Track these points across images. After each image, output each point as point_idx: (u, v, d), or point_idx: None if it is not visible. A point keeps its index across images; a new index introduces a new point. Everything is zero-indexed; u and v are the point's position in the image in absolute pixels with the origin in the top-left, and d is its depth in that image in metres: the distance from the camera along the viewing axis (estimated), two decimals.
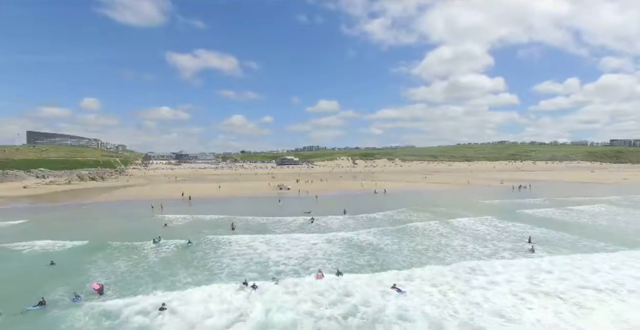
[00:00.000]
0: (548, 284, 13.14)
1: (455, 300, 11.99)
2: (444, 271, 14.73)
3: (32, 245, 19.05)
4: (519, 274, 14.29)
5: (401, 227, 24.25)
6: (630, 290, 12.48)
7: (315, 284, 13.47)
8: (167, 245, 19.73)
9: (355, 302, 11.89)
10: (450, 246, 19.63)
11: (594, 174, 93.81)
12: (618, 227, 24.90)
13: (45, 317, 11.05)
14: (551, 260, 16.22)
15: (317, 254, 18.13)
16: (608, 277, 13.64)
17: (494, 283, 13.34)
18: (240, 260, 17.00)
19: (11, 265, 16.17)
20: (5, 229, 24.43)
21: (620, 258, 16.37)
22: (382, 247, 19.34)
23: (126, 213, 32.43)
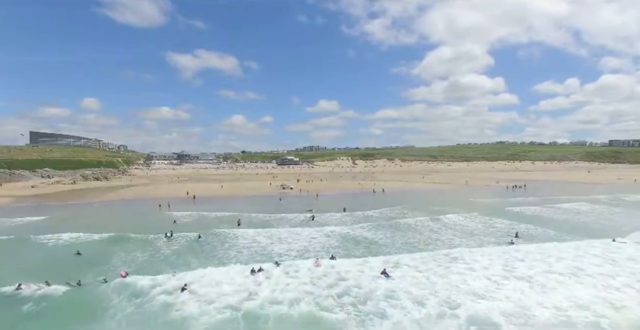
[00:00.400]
0: (519, 270, 14.99)
1: (436, 283, 13.80)
2: (429, 260, 16.58)
3: (57, 238, 20.95)
4: (496, 262, 16.14)
5: (395, 223, 26.13)
6: (587, 274, 14.32)
7: (314, 270, 15.31)
8: (178, 239, 21.59)
9: (349, 285, 13.72)
10: (439, 240, 21.47)
11: (590, 174, 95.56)
12: (590, 222, 27.22)
13: (83, 294, 12.93)
14: (527, 250, 18.06)
15: (315, 246, 19.97)
16: (571, 264, 15.48)
17: (472, 269, 15.18)
18: (246, 252, 18.85)
19: (42, 255, 18.06)
20: (30, 224, 26.38)
21: (584, 247, 18.37)
22: (376, 241, 21.20)
23: (136, 211, 34.31)
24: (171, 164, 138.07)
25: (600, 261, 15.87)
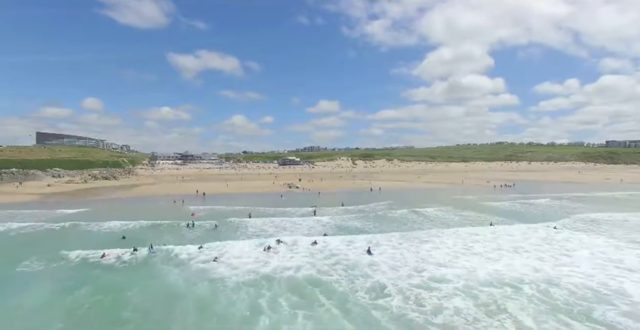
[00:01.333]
0: (475, 248, 19.12)
1: (408, 257, 17.90)
2: (404, 241, 20.75)
3: (100, 226, 25.21)
4: (458, 243, 20.28)
5: (382, 214, 30.49)
6: (526, 250, 18.49)
7: (311, 247, 19.45)
8: (199, 227, 25.74)
9: (340, 258, 17.81)
10: (415, 227, 25.56)
11: (580, 175, 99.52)
12: (545, 213, 31.96)
13: (144, 261, 17.19)
14: (485, 234, 22.28)
15: (314, 233, 24.05)
16: (516, 244, 19.71)
17: (438, 248, 19.31)
18: (257, 236, 22.96)
19: (94, 238, 22.25)
20: (71, 215, 30.66)
21: (530, 232, 22.83)
22: (363, 227, 25.34)
23: (154, 206, 38.46)
24: (175, 164, 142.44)
25: (539, 241, 20.10)
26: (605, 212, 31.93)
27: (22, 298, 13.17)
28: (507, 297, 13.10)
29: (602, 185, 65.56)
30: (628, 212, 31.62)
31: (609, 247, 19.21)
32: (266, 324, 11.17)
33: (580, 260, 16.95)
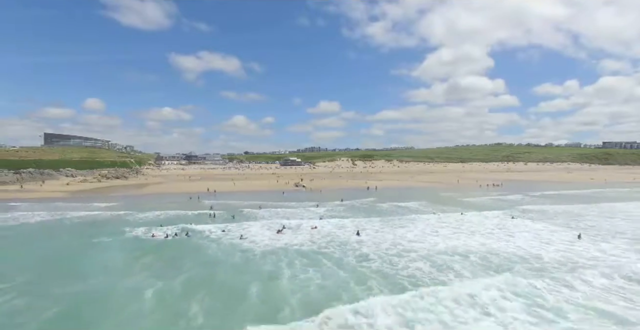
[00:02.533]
0: (441, 231, 24.54)
1: (387, 237, 23.20)
2: (385, 226, 26.17)
3: (136, 215, 30.72)
4: (428, 227, 25.71)
5: (372, 207, 36.11)
6: (481, 233, 23.89)
7: (311, 231, 24.80)
8: (219, 216, 31.08)
9: (333, 238, 23.10)
10: (400, 218, 30.83)
11: (569, 175, 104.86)
12: (512, 205, 37.23)
13: (183, 240, 22.58)
14: (449, 221, 27.73)
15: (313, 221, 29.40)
16: (474, 228, 25.18)
17: (412, 231, 24.68)
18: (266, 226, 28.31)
19: (136, 224, 27.59)
20: (107, 208, 36.08)
21: (488, 220, 28.45)
22: (355, 217, 30.68)
23: (174, 201, 43.74)
24: (180, 164, 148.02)
25: (493, 226, 25.55)
26: (561, 204, 37.78)
27: (104, 258, 18.55)
28: (456, 261, 18.39)
29: (582, 184, 70.88)
30: (579, 204, 37.51)
31: (544, 230, 24.62)
32: (288, 275, 16.40)
33: (518, 239, 22.31)
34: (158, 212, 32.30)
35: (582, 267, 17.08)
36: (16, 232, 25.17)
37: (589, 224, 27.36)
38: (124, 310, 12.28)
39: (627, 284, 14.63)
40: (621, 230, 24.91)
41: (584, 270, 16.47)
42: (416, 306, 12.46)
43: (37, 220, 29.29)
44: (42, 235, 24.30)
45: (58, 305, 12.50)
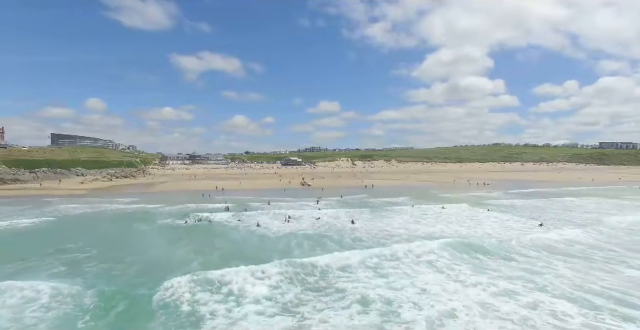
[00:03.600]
0: (422, 221, 29.55)
1: (377, 225, 28.15)
2: (375, 217, 31.22)
3: (159, 209, 35.71)
4: (411, 218, 30.74)
5: (365, 202, 41.13)
6: (456, 222, 28.91)
7: (315, 221, 29.79)
8: (233, 209, 36.04)
9: (332, 226, 28.02)
10: (388, 210, 35.82)
11: (559, 175, 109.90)
12: (490, 201, 41.69)
13: (208, 227, 27.62)
14: (430, 213, 32.77)
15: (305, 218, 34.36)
16: (450, 218, 30.19)
17: (398, 221, 29.70)
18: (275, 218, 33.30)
19: (164, 215, 32.61)
20: (131, 203, 41.07)
21: (463, 211, 33.56)
22: (351, 209, 35.68)
23: (188, 197, 48.59)
24: (184, 164, 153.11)
25: (467, 218, 30.53)
26: (534, 199, 43.29)
27: (149, 239, 23.54)
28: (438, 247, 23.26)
29: (566, 183, 75.85)
30: (548, 199, 42.71)
31: (510, 220, 29.65)
32: (298, 252, 21.26)
33: (487, 227, 27.30)
34: (179, 206, 37.34)
35: (524, 245, 22.06)
36: (69, 221, 30.24)
37: (551, 215, 32.40)
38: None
39: (545, 255, 19.57)
40: (573, 220, 30.03)
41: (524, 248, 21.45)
42: (388, 266, 17.49)
43: (79, 212, 34.33)
44: (91, 223, 29.37)
45: (133, 268, 17.44)
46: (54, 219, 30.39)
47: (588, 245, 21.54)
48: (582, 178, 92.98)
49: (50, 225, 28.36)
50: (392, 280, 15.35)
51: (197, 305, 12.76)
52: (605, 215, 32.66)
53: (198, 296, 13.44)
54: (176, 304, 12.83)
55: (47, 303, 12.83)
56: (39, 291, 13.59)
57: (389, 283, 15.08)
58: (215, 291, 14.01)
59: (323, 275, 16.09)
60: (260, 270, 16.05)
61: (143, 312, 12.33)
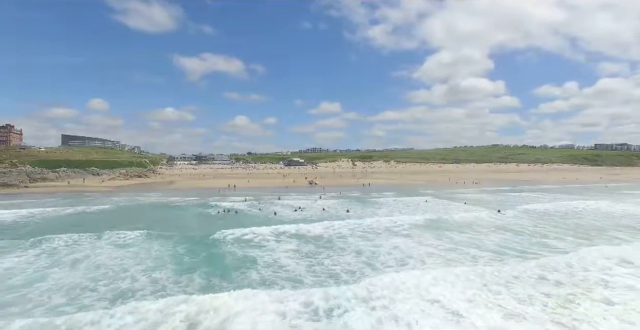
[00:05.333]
0: (403, 210, 37.02)
1: (367, 213, 35.62)
2: (366, 208, 38.74)
3: (187, 201, 43.20)
4: (396, 208, 38.22)
5: (359, 197, 48.52)
6: (430, 211, 36.41)
7: (318, 210, 37.29)
8: (250, 201, 43.54)
9: (332, 213, 35.53)
10: (376, 203, 43.25)
11: (544, 174, 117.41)
12: (465, 197, 48.97)
13: (236, 213, 35.19)
14: (411, 204, 40.29)
15: (314, 208, 41.84)
16: (427, 208, 37.67)
17: (384, 210, 37.20)
18: (287, 207, 40.78)
19: (195, 206, 40.13)
20: (161, 196, 48.59)
21: (440, 205, 40.90)
22: (347, 201, 43.19)
23: (206, 192, 56.07)
24: (191, 164, 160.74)
25: (442, 208, 38.06)
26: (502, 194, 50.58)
27: (191, 221, 30.97)
28: (409, 225, 30.76)
29: (545, 182, 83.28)
30: (515, 193, 50.20)
31: (474, 209, 37.09)
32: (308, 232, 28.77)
33: (456, 215, 34.70)
34: (202, 200, 44.77)
35: (479, 224, 29.48)
36: (124, 207, 37.87)
37: (509, 205, 39.91)
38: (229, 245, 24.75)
39: (487, 229, 26.99)
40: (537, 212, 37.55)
41: (478, 226, 28.89)
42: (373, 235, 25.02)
43: (123, 204, 41.82)
44: (140, 210, 36.89)
45: (192, 233, 24.93)
46: (114, 206, 38.11)
47: (506, 223, 29.05)
48: (566, 178, 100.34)
49: (115, 210, 36.23)
50: (375, 243, 22.85)
51: (245, 250, 20.29)
52: (531, 203, 41.31)
53: (245, 249, 20.96)
54: (230, 248, 20.41)
55: (144, 239, 20.67)
56: (135, 234, 21.71)
57: (373, 244, 22.56)
58: (255, 245, 21.68)
59: (327, 240, 23.59)
60: (282, 231, 23.91)
61: (212, 254, 19.83)
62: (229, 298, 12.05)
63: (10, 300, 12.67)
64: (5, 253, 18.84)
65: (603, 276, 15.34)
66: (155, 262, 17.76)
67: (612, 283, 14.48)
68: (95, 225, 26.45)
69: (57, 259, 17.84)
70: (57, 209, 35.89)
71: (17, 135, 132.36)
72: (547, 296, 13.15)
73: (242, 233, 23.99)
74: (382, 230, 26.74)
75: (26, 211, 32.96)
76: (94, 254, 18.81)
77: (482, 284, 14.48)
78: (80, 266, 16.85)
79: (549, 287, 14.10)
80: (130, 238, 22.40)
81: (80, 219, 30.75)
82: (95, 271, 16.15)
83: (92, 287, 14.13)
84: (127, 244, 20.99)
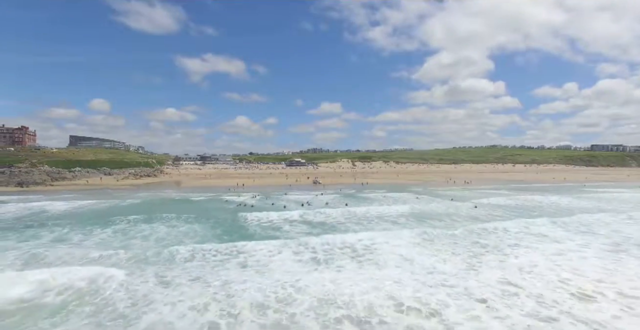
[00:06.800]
0: (393, 205, 43.61)
1: (361, 206, 42.21)
2: (359, 202, 45.38)
3: (204, 196, 49.81)
4: (386, 203, 44.81)
5: (354, 194, 55.10)
6: (415, 205, 43.05)
7: (322, 204, 43.89)
8: (259, 196, 50.11)
9: (332, 206, 42.17)
10: (366, 198, 49.78)
11: (535, 175, 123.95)
12: (449, 194, 55.48)
13: (249, 205, 41.85)
14: (396, 198, 46.86)
15: (317, 201, 48.41)
16: (413, 204, 44.36)
17: (376, 204, 43.80)
18: (293, 202, 47.33)
19: (211, 201, 46.75)
20: (179, 192, 55.21)
21: (423, 201, 47.45)
22: (345, 197, 49.74)
23: (218, 191, 62.67)
24: (196, 164, 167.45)
25: (427, 203, 44.61)
26: (485, 191, 56.91)
27: (214, 211, 37.56)
28: (395, 214, 37.28)
29: (537, 182, 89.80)
30: (499, 191, 56.59)
31: (452, 206, 43.68)
32: (315, 217, 35.36)
33: (438, 208, 41.24)
34: (215, 196, 51.41)
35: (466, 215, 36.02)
36: (152, 201, 44.46)
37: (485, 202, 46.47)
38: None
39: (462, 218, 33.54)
40: (503, 205, 44.12)
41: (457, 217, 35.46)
42: (365, 222, 31.65)
43: (150, 199, 48.40)
44: (164, 203, 43.45)
45: (220, 223, 31.50)
46: (142, 201, 44.76)
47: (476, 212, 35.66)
48: (555, 178, 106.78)
49: (145, 203, 42.84)
50: (368, 227, 29.48)
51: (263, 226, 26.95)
52: (504, 198, 48.08)
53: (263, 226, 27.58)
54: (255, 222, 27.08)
55: (184, 223, 27.48)
56: (177, 220, 28.47)
57: (365, 228, 29.18)
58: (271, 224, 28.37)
59: (331, 225, 30.25)
60: (291, 217, 30.94)
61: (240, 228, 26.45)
62: (254, 244, 20.25)
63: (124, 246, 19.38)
64: (87, 233, 25.44)
65: (513, 240, 22.34)
66: (202, 233, 24.68)
67: (516, 245, 21.25)
68: (138, 215, 33.07)
69: (130, 236, 24.48)
70: (95, 202, 42.61)
71: (31, 137, 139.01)
72: (469, 250, 19.96)
73: (259, 217, 31.00)
74: (373, 217, 33.34)
75: (77, 203, 39.69)
76: (154, 232, 25.49)
77: (430, 242, 21.31)
78: (151, 238, 23.57)
79: (476, 247, 20.83)
80: (174, 222, 29.06)
81: (120, 210, 37.29)
82: (163, 241, 22.84)
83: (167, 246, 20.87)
84: (175, 226, 27.66)
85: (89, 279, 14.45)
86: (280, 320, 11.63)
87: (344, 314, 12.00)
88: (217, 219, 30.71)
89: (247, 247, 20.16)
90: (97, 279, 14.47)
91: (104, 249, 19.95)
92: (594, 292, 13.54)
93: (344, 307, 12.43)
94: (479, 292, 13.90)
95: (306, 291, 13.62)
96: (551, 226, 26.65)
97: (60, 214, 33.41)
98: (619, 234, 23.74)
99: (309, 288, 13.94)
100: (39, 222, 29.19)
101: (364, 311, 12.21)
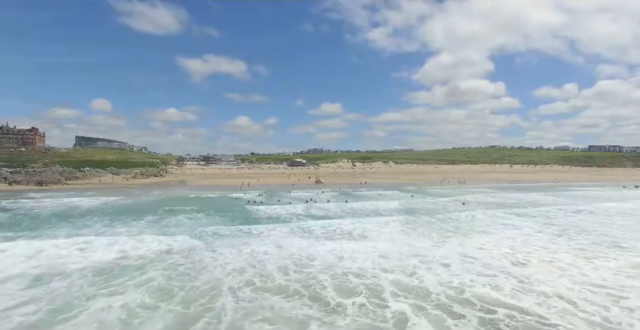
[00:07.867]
0: (389, 203, 48.46)
1: (357, 203, 47.04)
2: (356, 198, 50.25)
3: (216, 193, 54.70)
4: (381, 201, 49.64)
5: (351, 192, 59.87)
6: (403, 202, 47.91)
7: (325, 201, 48.74)
8: (266, 194, 54.95)
9: (334, 203, 47.02)
10: (365, 196, 54.59)
11: (529, 175, 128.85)
12: (437, 191, 60.30)
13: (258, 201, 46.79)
14: (389, 195, 51.69)
15: (319, 198, 53.21)
16: (403, 201, 49.18)
17: (371, 201, 48.65)
18: (297, 199, 52.15)
19: (221, 198, 51.60)
20: (191, 190, 60.14)
21: (414, 199, 52.24)
22: (344, 195, 54.55)
23: (226, 189, 67.48)
24: (199, 164, 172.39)
25: (419, 201, 49.44)
26: (466, 189, 61.85)
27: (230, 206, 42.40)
28: (388, 209, 42.04)
29: (529, 181, 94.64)
30: (489, 190, 61.35)
31: (437, 203, 48.47)
32: (317, 211, 40.19)
33: (421, 203, 46.03)
34: (226, 194, 56.33)
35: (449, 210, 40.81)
36: (167, 199, 49.26)
37: (474, 200, 51.30)
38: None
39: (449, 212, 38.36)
40: (486, 202, 48.96)
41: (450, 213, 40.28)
42: (362, 216, 36.54)
43: (164, 197, 53.21)
44: (181, 201, 48.28)
45: (236, 215, 36.33)
46: (158, 198, 49.64)
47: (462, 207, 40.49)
48: (547, 178, 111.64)
49: (162, 200, 47.63)
50: (363, 219, 34.33)
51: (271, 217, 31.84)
52: (488, 197, 52.47)
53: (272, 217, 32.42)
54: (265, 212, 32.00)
55: (204, 215, 32.33)
56: (197, 213, 33.37)
57: (360, 221, 34.01)
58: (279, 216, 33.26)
59: (332, 217, 35.11)
60: (297, 210, 35.73)
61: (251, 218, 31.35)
62: (262, 227, 25.52)
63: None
64: (126, 223, 30.22)
65: (482, 227, 27.27)
66: (223, 222, 29.73)
67: (482, 231, 26.19)
68: (162, 209, 37.88)
69: (164, 224, 29.40)
70: (118, 199, 47.51)
71: (41, 138, 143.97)
72: (439, 233, 24.96)
73: (269, 211, 35.93)
74: (369, 212, 38.21)
75: (102, 200, 44.67)
76: (182, 221, 30.43)
77: (412, 229, 26.22)
78: (183, 225, 28.50)
79: (449, 232, 25.73)
80: (195, 215, 33.91)
81: (144, 205, 42.15)
82: (194, 226, 27.78)
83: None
84: (198, 218, 32.52)
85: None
86: (301, 277, 16.49)
87: (346, 272, 16.93)
88: (233, 212, 35.62)
89: (263, 229, 25.76)
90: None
91: (149, 232, 24.93)
92: (524, 259, 18.52)
93: (346, 268, 17.38)
94: (445, 260, 18.81)
95: (316, 258, 18.66)
96: (518, 217, 31.57)
97: (94, 208, 38.29)
98: (572, 223, 28.64)
99: (319, 255, 19.07)
100: (79, 214, 34.11)
101: (361, 271, 17.13)
